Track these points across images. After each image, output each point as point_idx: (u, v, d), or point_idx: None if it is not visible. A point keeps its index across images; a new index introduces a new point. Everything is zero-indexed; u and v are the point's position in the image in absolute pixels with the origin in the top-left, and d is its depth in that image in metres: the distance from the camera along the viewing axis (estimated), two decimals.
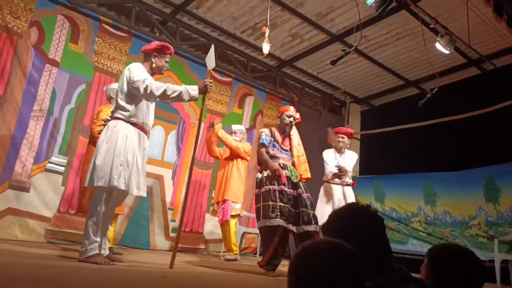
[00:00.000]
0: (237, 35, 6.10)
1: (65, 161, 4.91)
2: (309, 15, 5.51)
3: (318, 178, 4.95)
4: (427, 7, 4.90)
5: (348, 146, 5.01)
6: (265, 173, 3.69)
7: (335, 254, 0.97)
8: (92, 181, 2.95)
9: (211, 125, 5.05)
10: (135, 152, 3.06)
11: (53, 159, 4.84)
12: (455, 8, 4.85)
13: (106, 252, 3.10)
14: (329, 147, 5.20)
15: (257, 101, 7.11)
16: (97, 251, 2.93)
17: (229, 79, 6.71)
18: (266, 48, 4.59)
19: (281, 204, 3.49)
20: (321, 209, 4.53)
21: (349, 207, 1.49)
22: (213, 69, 3.21)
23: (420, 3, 4.85)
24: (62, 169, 4.88)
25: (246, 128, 6.85)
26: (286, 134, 3.97)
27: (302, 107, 7.41)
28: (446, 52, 4.96)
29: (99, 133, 3.87)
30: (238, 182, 5.07)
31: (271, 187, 3.57)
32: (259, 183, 3.71)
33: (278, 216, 3.43)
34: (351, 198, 4.72)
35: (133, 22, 5.36)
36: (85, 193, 3.99)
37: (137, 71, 3.06)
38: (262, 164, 3.80)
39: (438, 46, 4.88)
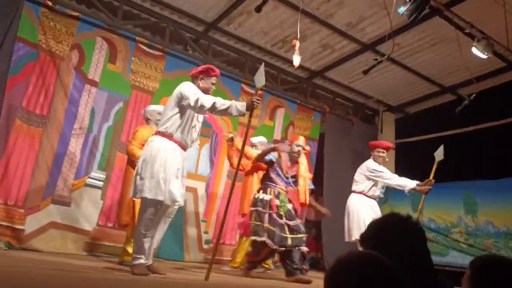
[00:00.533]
0: (268, 48, 6.17)
1: (104, 176, 5.08)
2: (339, 26, 5.51)
3: (349, 189, 4.90)
4: (461, 12, 4.79)
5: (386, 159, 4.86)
6: (261, 195, 4.15)
7: (369, 267, 0.96)
8: (137, 192, 3.14)
9: (230, 139, 4.96)
10: (175, 166, 3.19)
11: (93, 174, 5.02)
12: (491, 12, 4.71)
13: (149, 262, 3.22)
14: (362, 157, 5.15)
15: (288, 112, 7.12)
16: (141, 261, 3.08)
17: (260, 92, 6.75)
18: (296, 60, 4.62)
19: (269, 226, 4.00)
20: (359, 221, 4.49)
21: (388, 217, 1.47)
22: (260, 88, 3.45)
23: (454, 8, 4.76)
24: (101, 184, 5.05)
25: (277, 140, 6.90)
26: (293, 162, 4.33)
27: (333, 118, 7.37)
28: (484, 56, 4.81)
29: (135, 155, 4.06)
30: None
31: (262, 209, 4.06)
32: (255, 202, 4.17)
33: (266, 237, 3.97)
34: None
35: (167, 41, 5.54)
36: (123, 207, 4.14)
37: (189, 87, 3.26)
38: (264, 154, 4.22)
39: (475, 51, 4.75)
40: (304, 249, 4.08)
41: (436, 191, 7.33)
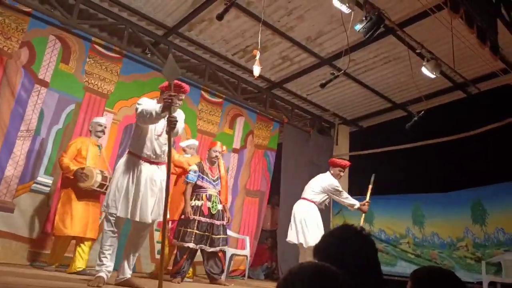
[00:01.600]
0: (229, 57, 6.18)
1: (51, 182, 4.83)
2: (298, 39, 5.62)
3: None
4: (413, 33, 5.05)
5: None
6: (193, 202, 4.64)
7: (319, 277, 0.97)
8: (107, 207, 3.30)
9: None
10: (135, 181, 3.28)
11: (39, 179, 4.76)
12: (440, 34, 5.00)
13: (125, 276, 3.31)
14: (318, 168, 5.27)
15: (248, 121, 7.15)
16: (100, 274, 3.17)
17: (220, 100, 6.75)
18: (256, 70, 4.64)
19: (196, 231, 4.52)
20: (314, 231, 4.69)
21: (342, 229, 1.49)
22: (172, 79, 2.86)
23: (407, 28, 5.00)
24: (47, 189, 4.79)
25: (237, 148, 6.90)
26: (214, 166, 4.89)
27: (291, 128, 7.49)
28: (432, 76, 5.09)
29: (68, 168, 4.09)
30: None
31: (197, 218, 4.56)
32: (186, 210, 4.57)
33: (192, 241, 4.47)
34: None
35: (125, 43, 5.39)
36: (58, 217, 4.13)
37: (138, 103, 3.29)
38: (185, 196, 4.67)
39: (424, 70, 5.01)
40: (223, 249, 4.69)
41: (387, 203, 7.64)
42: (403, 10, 4.85)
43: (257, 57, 4.60)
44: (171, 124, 2.84)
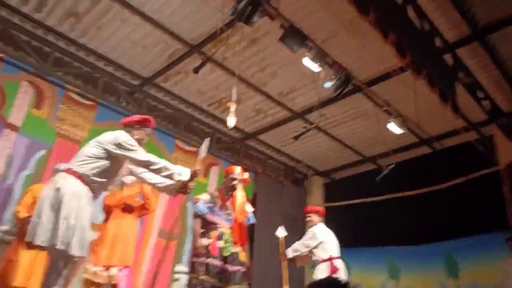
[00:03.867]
0: (204, 107, 6.31)
1: (16, 230, 4.60)
2: (272, 93, 5.84)
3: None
4: (380, 91, 5.33)
5: (317, 223, 4.85)
6: (201, 241, 3.73)
7: None
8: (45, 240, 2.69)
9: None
10: (88, 214, 2.87)
11: (2, 228, 4.53)
12: (405, 93, 5.26)
13: None
14: (293, 219, 5.22)
15: (222, 171, 7.14)
16: None
17: (195, 149, 6.76)
18: (231, 121, 4.72)
19: (207, 277, 3.60)
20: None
21: (327, 281, 1.49)
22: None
23: (373, 87, 5.28)
24: (11, 238, 4.55)
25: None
26: (228, 196, 3.97)
27: (265, 178, 7.52)
28: (399, 131, 5.32)
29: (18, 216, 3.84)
30: None
31: (201, 259, 3.67)
32: (195, 251, 3.77)
33: None
34: None
35: (100, 91, 5.46)
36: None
37: (128, 138, 2.99)
38: (195, 232, 3.82)
39: (391, 126, 5.24)
40: None
41: (362, 255, 7.58)
42: (369, 70, 5.14)
43: (232, 109, 4.72)
44: (189, 191, 3.08)
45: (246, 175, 4.09)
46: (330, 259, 4.62)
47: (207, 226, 3.82)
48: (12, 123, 4.84)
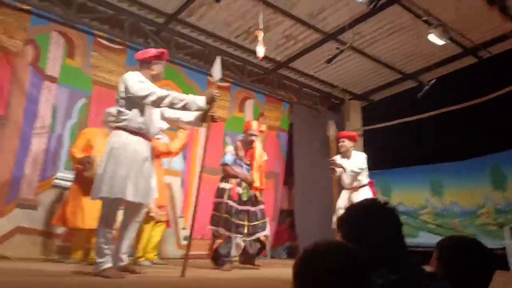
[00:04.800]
0: (232, 40, 6.15)
1: (72, 176, 4.93)
2: (301, 16, 5.54)
3: (322, 177, 4.97)
4: (418, 0, 4.91)
5: (352, 148, 4.84)
6: (222, 185, 4.27)
7: (334, 254, 0.98)
8: (98, 192, 2.91)
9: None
10: (138, 161, 3.00)
11: (59, 174, 4.85)
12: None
13: (123, 263, 3.09)
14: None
15: (257, 104, 7.14)
16: (109, 264, 2.88)
17: (227, 84, 6.74)
18: (260, 51, 4.63)
19: (227, 216, 4.13)
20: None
21: (366, 202, 1.50)
22: (220, 80, 3.38)
23: None
24: (69, 184, 4.88)
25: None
26: (248, 148, 4.43)
27: (301, 108, 7.45)
28: (441, 43, 4.97)
29: (80, 162, 3.99)
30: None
31: (224, 200, 4.17)
32: (218, 193, 4.27)
33: (223, 226, 4.11)
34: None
35: (127, 34, 5.43)
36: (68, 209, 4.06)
37: (139, 81, 2.99)
38: (230, 177, 4.30)
39: (432, 37, 4.90)
40: (261, 235, 4.32)
41: (404, 175, 7.60)
42: None
43: (260, 38, 4.57)
44: (214, 119, 3.20)
45: (263, 127, 4.61)
46: (370, 183, 4.79)
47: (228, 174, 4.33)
48: (50, 74, 4.97)
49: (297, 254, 4.09)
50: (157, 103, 2.99)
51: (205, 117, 3.21)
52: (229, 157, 4.32)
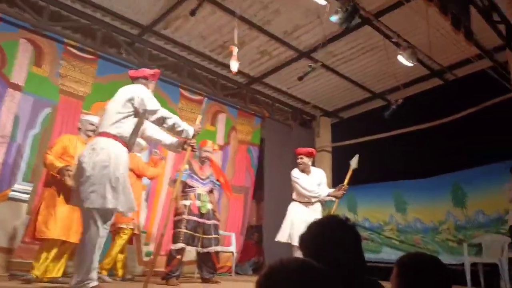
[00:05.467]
0: (206, 53, 6.13)
1: (30, 188, 4.69)
2: (276, 33, 5.61)
3: (291, 193, 4.95)
4: (389, 22, 5.09)
5: (310, 164, 4.81)
6: (182, 202, 4.57)
7: (300, 272, 0.97)
8: (86, 202, 2.78)
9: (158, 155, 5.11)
10: (126, 172, 3.00)
11: (17, 186, 4.60)
12: (415, 22, 5.06)
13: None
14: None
15: (230, 118, 7.12)
16: (95, 283, 2.77)
17: (199, 97, 6.68)
18: (234, 66, 4.61)
19: (186, 231, 4.46)
20: (289, 227, 4.53)
21: (326, 219, 1.51)
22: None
23: (382, 18, 5.04)
24: (26, 196, 4.65)
25: (221, 145, 6.85)
26: (203, 165, 4.83)
27: (273, 123, 7.49)
28: (409, 64, 5.15)
29: (53, 165, 3.78)
30: None
31: (181, 217, 4.48)
32: (176, 211, 4.54)
33: (182, 241, 4.41)
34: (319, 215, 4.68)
35: (99, 44, 5.29)
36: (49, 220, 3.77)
37: (150, 97, 3.08)
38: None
39: (401, 58, 5.07)
40: (213, 250, 4.59)
41: (369, 191, 7.74)
42: (378, 0, 4.89)
43: (235, 53, 4.57)
44: (194, 149, 3.45)
45: (216, 146, 5.07)
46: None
47: (187, 189, 4.68)
48: (15, 82, 4.74)
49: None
50: (160, 121, 3.10)
51: (185, 146, 3.39)
52: (183, 174, 4.52)
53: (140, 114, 3.04)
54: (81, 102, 5.26)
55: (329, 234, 1.39)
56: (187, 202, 4.57)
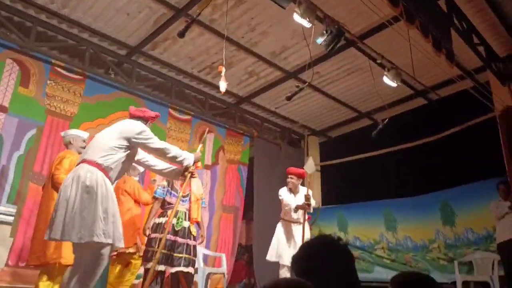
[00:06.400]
0: (194, 74, 6.18)
1: (14, 211, 4.60)
2: (263, 54, 5.70)
3: (278, 212, 4.98)
4: (373, 44, 5.20)
5: (298, 184, 4.92)
6: (158, 220, 4.32)
7: None
8: (89, 235, 2.67)
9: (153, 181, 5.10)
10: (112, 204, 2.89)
11: (0, 208, 4.53)
12: (399, 44, 5.18)
13: None
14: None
15: (218, 137, 7.12)
16: None
17: (188, 117, 6.70)
18: (223, 86, 4.62)
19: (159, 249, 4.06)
20: (277, 246, 4.59)
21: (319, 239, 1.51)
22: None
23: (367, 40, 5.15)
24: (10, 219, 4.56)
25: (209, 164, 6.83)
26: (182, 182, 4.36)
27: (262, 142, 7.51)
28: (394, 85, 5.24)
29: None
30: None
31: (155, 235, 4.20)
32: (154, 228, 4.29)
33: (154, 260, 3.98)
34: (307, 234, 4.69)
35: (87, 64, 5.30)
36: (50, 244, 3.57)
37: (146, 128, 3.14)
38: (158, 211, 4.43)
39: (386, 79, 5.16)
40: (180, 269, 4.13)
41: (359, 210, 7.74)
42: (362, 23, 5.02)
43: (223, 73, 4.61)
44: (194, 175, 3.65)
45: (198, 164, 4.63)
46: (308, 218, 4.85)
47: (166, 206, 4.41)
48: (0, 103, 4.71)
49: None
50: (160, 153, 3.20)
51: (186, 172, 3.52)
52: (159, 191, 4.44)
53: (131, 148, 3.06)
54: (68, 122, 5.24)
55: (321, 254, 1.39)
56: (163, 220, 4.29)
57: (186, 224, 4.31)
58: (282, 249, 4.48)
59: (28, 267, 4.25)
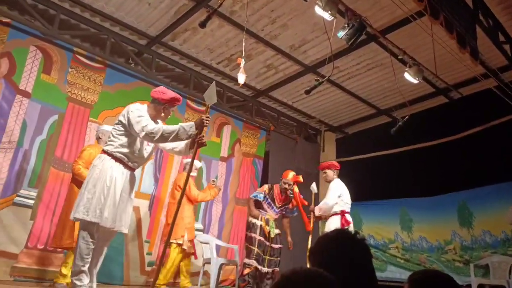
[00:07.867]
0: (213, 66, 6.19)
1: (35, 194, 4.71)
2: (282, 47, 5.66)
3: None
4: (395, 39, 5.11)
5: (335, 176, 5.12)
6: (254, 221, 4.94)
7: (312, 282, 0.97)
8: (76, 212, 2.99)
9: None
10: (119, 189, 3.10)
11: (22, 192, 4.64)
12: (421, 40, 5.09)
13: (92, 286, 3.10)
14: (306, 175, 5.30)
15: (235, 130, 7.14)
16: (81, 285, 2.91)
17: (204, 109, 6.71)
18: (241, 78, 4.64)
19: (258, 250, 4.83)
20: None
21: (337, 233, 1.49)
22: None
23: (389, 35, 5.07)
24: (31, 202, 4.67)
25: (224, 156, 6.85)
26: (282, 195, 5.09)
27: (278, 136, 7.49)
28: (415, 81, 5.15)
29: (81, 175, 3.90)
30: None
31: (255, 235, 4.86)
32: (249, 227, 4.96)
33: (254, 258, 4.79)
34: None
35: (107, 53, 5.37)
36: (66, 228, 3.92)
37: (138, 115, 3.09)
38: (254, 211, 5.04)
39: (407, 76, 5.07)
40: (277, 269, 4.92)
41: (375, 208, 7.68)
42: (384, 17, 4.93)
43: (242, 65, 4.61)
44: (203, 144, 3.16)
45: (299, 178, 5.13)
46: (342, 213, 4.83)
47: (258, 208, 5.03)
48: (23, 89, 4.82)
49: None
50: (148, 138, 3.10)
51: (195, 143, 3.20)
52: (260, 195, 5.02)
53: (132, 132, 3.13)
54: (88, 110, 5.33)
55: (339, 248, 1.37)
56: (258, 223, 4.93)
57: (277, 231, 5.01)
58: None
59: (47, 250, 4.40)
